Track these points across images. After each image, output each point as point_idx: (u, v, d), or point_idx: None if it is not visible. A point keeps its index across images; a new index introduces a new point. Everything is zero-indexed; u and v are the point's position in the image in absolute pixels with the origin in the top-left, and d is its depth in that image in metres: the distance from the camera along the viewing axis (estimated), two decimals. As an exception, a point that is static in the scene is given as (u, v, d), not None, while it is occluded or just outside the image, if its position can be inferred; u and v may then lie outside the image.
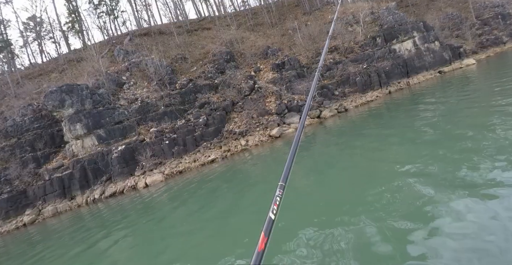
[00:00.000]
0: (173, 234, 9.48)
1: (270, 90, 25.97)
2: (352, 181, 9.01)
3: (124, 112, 23.63)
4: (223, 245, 7.36)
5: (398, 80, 29.40)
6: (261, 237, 1.11)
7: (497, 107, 11.21)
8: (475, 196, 5.57)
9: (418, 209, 5.85)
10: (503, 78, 18.05)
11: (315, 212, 7.26)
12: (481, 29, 38.46)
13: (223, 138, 22.54)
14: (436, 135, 10.61)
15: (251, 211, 9.26)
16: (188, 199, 13.52)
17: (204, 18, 44.02)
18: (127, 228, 11.77)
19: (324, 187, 9.37)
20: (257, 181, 13.21)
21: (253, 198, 10.67)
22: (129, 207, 15.77)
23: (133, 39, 35.29)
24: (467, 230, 4.72)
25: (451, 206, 5.54)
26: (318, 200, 8.26)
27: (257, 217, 8.14)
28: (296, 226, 6.62)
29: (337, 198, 8.01)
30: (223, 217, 9.59)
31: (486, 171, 6.41)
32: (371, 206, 6.59)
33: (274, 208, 1.23)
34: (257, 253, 1.06)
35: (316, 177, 10.72)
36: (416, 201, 6.16)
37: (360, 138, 14.86)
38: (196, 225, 9.67)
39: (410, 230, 5.18)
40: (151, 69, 27.09)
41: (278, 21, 38.28)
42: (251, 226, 7.75)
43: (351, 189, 8.31)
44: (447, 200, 5.82)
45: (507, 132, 8.08)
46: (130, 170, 21.32)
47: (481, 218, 4.88)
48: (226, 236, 7.94)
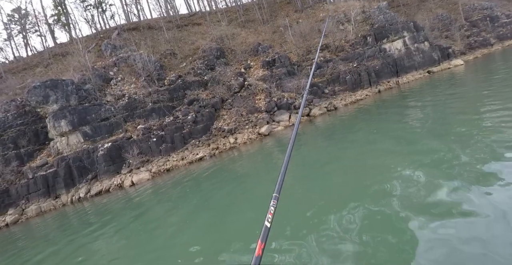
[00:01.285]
0: (160, 234, 9.33)
1: (260, 87, 25.76)
2: (341, 180, 9.04)
3: (110, 109, 23.14)
4: (211, 243, 7.33)
5: (388, 79, 29.54)
6: (258, 244, 1.19)
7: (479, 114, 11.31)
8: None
9: (407, 199, 6.10)
10: (490, 81, 18.34)
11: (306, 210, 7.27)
12: (470, 31, 38.90)
13: (211, 136, 22.30)
14: (422, 136, 10.80)
15: (240, 209, 9.27)
16: (175, 198, 13.37)
17: (195, 14, 43.41)
18: (113, 227, 11.53)
19: (313, 185, 9.31)
20: (245, 179, 13.15)
21: (241, 196, 10.68)
22: (116, 206, 15.47)
23: (121, 33, 34.57)
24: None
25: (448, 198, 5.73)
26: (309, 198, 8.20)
27: (246, 215, 8.48)
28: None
29: (327, 196, 8.07)
30: (211, 216, 9.53)
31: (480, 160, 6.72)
32: (361, 202, 6.73)
33: (269, 217, 1.32)
34: (255, 258, 1.14)
35: (306, 175, 10.63)
36: (405, 193, 6.50)
37: (349, 137, 14.92)
38: (183, 223, 9.59)
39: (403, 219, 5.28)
40: (139, 65, 26.56)
41: (270, 18, 37.98)
42: (239, 224, 7.95)
43: (340, 187, 8.42)
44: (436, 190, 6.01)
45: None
46: (117, 168, 20.92)
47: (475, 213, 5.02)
48: (214, 234, 7.90)
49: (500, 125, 8.81)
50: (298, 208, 7.47)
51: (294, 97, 25.05)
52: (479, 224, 4.68)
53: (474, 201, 5.34)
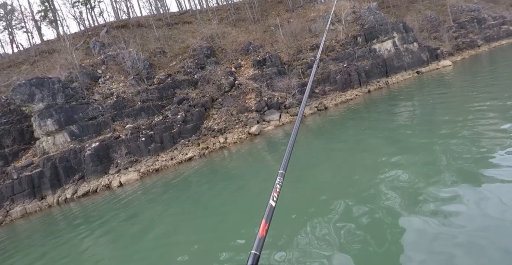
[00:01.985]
0: (148, 235, 9.21)
1: (251, 86, 25.66)
2: (331, 180, 9.11)
3: (98, 108, 22.75)
4: (200, 244, 7.31)
5: (378, 80, 29.75)
6: (262, 224, 1.12)
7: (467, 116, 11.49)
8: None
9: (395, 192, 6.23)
10: (476, 82, 18.65)
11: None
12: (458, 32, 39.45)
13: (201, 135, 22.12)
14: (410, 135, 10.98)
15: (229, 210, 9.25)
16: (164, 199, 13.22)
17: (185, 12, 43.02)
18: (101, 229, 11.36)
19: (304, 186, 9.30)
20: (235, 180, 13.08)
21: (231, 197, 10.61)
22: (103, 207, 15.18)
23: (110, 31, 34.05)
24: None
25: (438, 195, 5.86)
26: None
27: (236, 216, 8.50)
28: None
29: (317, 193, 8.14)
30: (201, 216, 9.48)
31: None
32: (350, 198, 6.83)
33: (275, 196, 1.26)
34: (258, 239, 1.08)
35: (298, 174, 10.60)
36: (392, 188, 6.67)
37: (339, 137, 15.01)
38: (172, 224, 9.54)
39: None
40: (128, 63, 26.19)
41: (261, 17, 37.88)
42: (229, 224, 7.95)
43: (330, 187, 8.47)
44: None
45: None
46: (104, 168, 20.58)
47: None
48: (203, 235, 7.87)
49: (485, 124, 9.08)
50: (286, 209, 7.42)
51: (285, 97, 25.03)
52: (465, 222, 4.75)
53: (460, 199, 5.45)
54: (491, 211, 4.79)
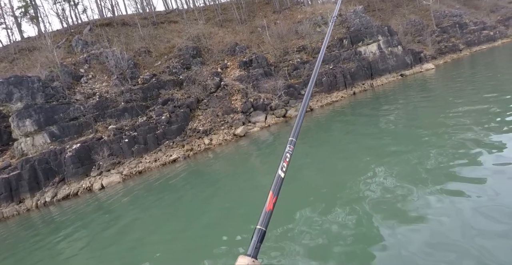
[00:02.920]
0: (130, 239, 9.03)
1: (237, 87, 25.53)
2: (315, 183, 9.10)
3: (80, 108, 22.16)
4: (184, 249, 7.24)
5: (363, 82, 30.08)
6: (269, 196, 1.05)
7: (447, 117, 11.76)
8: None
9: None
10: (458, 85, 19.10)
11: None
12: (441, 36, 40.32)
13: (186, 137, 21.84)
14: (394, 138, 11.17)
15: (213, 213, 9.18)
16: (147, 202, 12.95)
17: (172, 11, 42.52)
18: (80, 232, 11.07)
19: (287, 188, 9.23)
20: (220, 182, 12.94)
21: (214, 200, 10.53)
22: (84, 211, 14.75)
23: (93, 29, 33.32)
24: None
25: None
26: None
27: (220, 220, 8.41)
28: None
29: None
30: (183, 220, 9.37)
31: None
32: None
33: (284, 165, 1.18)
34: (265, 213, 1.01)
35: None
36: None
37: (324, 138, 15.09)
38: (156, 229, 9.33)
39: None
40: (111, 62, 25.64)
41: (248, 18, 37.80)
42: (212, 228, 7.93)
43: (313, 191, 8.50)
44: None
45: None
46: (86, 171, 20.04)
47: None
48: (184, 240, 7.78)
49: (466, 127, 9.36)
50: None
51: (271, 98, 24.99)
52: (445, 226, 4.83)
53: (441, 203, 5.52)
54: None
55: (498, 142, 7.35)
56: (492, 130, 8.36)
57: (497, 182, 5.58)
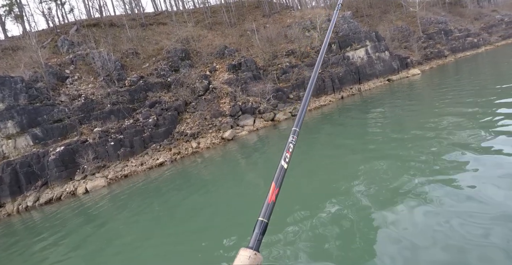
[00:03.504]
0: (117, 244, 8.94)
1: (225, 91, 25.44)
2: (307, 186, 9.21)
3: (64, 110, 21.69)
4: (169, 254, 7.23)
5: (351, 86, 30.39)
6: (272, 188, 1.02)
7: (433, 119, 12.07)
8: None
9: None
10: (442, 91, 19.53)
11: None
12: (426, 43, 41.17)
13: (173, 140, 21.61)
14: (382, 140, 11.40)
15: (202, 220, 9.10)
16: (132, 207, 12.75)
17: (161, 13, 42.24)
18: (66, 238, 10.79)
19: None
20: (208, 187, 12.84)
21: (201, 205, 10.46)
22: (68, 216, 14.41)
23: (80, 29, 32.76)
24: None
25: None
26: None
27: (208, 225, 8.33)
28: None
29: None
30: (170, 225, 9.32)
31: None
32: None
33: (287, 156, 1.14)
34: (267, 205, 0.98)
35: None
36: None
37: (312, 142, 15.15)
38: (142, 234, 9.23)
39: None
40: (98, 63, 25.24)
41: (237, 21, 37.80)
42: (200, 233, 7.92)
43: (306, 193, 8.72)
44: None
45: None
46: (70, 174, 19.58)
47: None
48: (172, 245, 7.76)
49: (450, 130, 9.80)
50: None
51: (259, 102, 24.98)
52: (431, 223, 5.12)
53: (425, 204, 5.76)
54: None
55: (481, 147, 7.56)
56: (474, 133, 8.74)
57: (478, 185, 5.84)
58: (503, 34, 50.45)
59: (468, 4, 56.40)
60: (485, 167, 6.40)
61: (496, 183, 5.59)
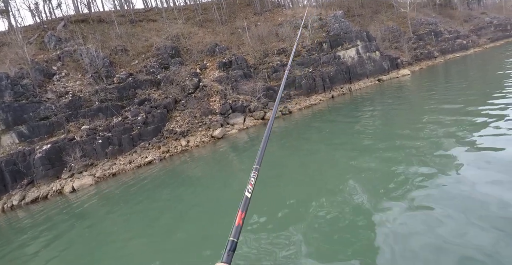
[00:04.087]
0: (105, 243, 8.94)
1: (215, 89, 25.28)
2: (297, 185, 9.33)
3: (51, 107, 21.27)
4: (158, 252, 7.26)
5: (341, 86, 30.51)
6: (239, 214, 1.21)
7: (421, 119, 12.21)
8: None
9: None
10: (431, 92, 19.80)
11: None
12: (417, 43, 41.57)
13: (162, 138, 21.40)
14: (371, 140, 11.59)
15: (189, 216, 9.19)
16: (121, 205, 12.66)
17: (151, 9, 41.71)
18: (52, 238, 10.65)
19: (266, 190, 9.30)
20: (197, 186, 12.81)
21: (191, 202, 10.51)
22: (54, 215, 14.14)
23: (68, 25, 32.13)
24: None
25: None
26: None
27: (198, 225, 8.37)
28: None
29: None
30: (158, 224, 9.29)
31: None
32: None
33: (250, 188, 1.35)
34: (235, 227, 1.16)
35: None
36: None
37: (303, 141, 15.24)
38: (130, 233, 9.23)
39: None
40: (86, 60, 24.82)
41: (229, 19, 37.58)
42: (189, 232, 8.02)
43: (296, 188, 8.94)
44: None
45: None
46: (56, 172, 19.23)
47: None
48: (161, 243, 7.78)
49: (440, 127, 10.13)
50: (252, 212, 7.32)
51: (250, 100, 24.90)
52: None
53: (412, 202, 5.96)
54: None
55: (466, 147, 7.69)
56: (457, 131, 9.12)
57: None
58: (491, 36, 51.28)
59: (458, 6, 57.11)
60: (470, 164, 6.73)
61: (481, 179, 5.94)
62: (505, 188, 5.36)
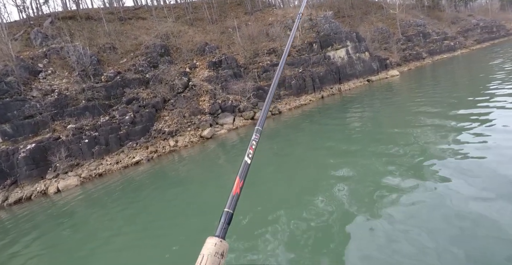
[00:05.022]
0: (90, 245, 8.72)
1: (205, 88, 25.10)
2: (286, 185, 9.43)
3: (36, 105, 20.81)
4: (147, 251, 7.26)
5: (331, 86, 30.66)
6: (236, 181, 1.12)
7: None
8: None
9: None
10: (420, 93, 20.08)
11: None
12: (405, 45, 42.06)
13: (150, 138, 21.16)
14: (360, 140, 11.82)
15: (177, 216, 9.12)
16: (107, 206, 12.49)
17: (141, 7, 41.23)
18: (35, 239, 10.44)
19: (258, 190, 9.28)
20: (186, 186, 12.71)
21: (178, 206, 10.37)
22: (38, 217, 13.84)
23: (55, 21, 31.52)
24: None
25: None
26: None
27: (185, 226, 8.32)
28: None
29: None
30: (146, 223, 9.28)
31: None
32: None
33: (250, 152, 1.25)
34: (232, 196, 1.08)
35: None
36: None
37: (292, 142, 15.27)
38: (117, 233, 9.16)
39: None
40: (73, 58, 24.34)
41: (219, 18, 37.38)
42: (177, 230, 8.02)
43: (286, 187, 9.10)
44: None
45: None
46: (41, 173, 18.82)
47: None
48: (149, 242, 7.78)
49: (426, 131, 10.39)
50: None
51: (239, 100, 24.82)
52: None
53: (399, 201, 6.17)
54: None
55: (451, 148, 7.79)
56: (442, 131, 9.39)
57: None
58: (478, 38, 52.26)
59: (445, 8, 57.96)
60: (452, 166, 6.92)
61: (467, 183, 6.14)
62: (486, 205, 5.31)
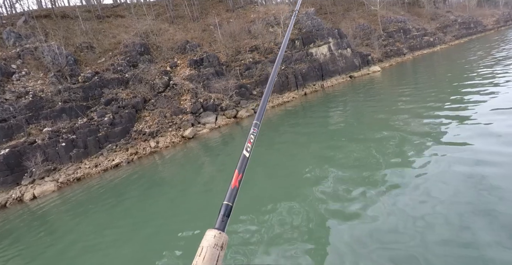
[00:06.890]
0: (68, 254, 8.46)
1: (186, 87, 24.67)
2: (266, 184, 9.42)
3: (9, 108, 19.99)
4: (131, 255, 7.23)
5: (314, 83, 30.67)
6: (235, 175, 1.11)
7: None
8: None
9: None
10: (401, 88, 20.33)
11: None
12: (387, 41, 42.46)
13: (131, 139, 20.67)
14: (342, 137, 11.76)
15: (159, 220, 9.01)
16: (85, 212, 12.14)
17: (119, 5, 40.20)
18: (16, 248, 10.06)
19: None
20: (167, 188, 12.45)
21: (161, 206, 10.26)
22: (14, 225, 13.29)
23: (29, 20, 30.38)
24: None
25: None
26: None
27: (167, 228, 8.32)
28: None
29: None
30: (126, 230, 9.06)
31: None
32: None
33: (248, 146, 1.24)
34: (231, 189, 1.07)
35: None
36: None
37: (275, 140, 15.17)
38: (100, 237, 8.98)
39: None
40: (48, 58, 23.51)
41: (200, 15, 36.84)
42: (161, 235, 7.94)
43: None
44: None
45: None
46: (16, 179, 18.10)
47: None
48: (132, 246, 7.71)
49: (408, 128, 10.53)
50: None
51: (222, 98, 24.52)
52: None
53: (382, 199, 6.31)
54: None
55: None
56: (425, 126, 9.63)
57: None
58: (456, 34, 53.37)
59: (425, 4, 58.79)
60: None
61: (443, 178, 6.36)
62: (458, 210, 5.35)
